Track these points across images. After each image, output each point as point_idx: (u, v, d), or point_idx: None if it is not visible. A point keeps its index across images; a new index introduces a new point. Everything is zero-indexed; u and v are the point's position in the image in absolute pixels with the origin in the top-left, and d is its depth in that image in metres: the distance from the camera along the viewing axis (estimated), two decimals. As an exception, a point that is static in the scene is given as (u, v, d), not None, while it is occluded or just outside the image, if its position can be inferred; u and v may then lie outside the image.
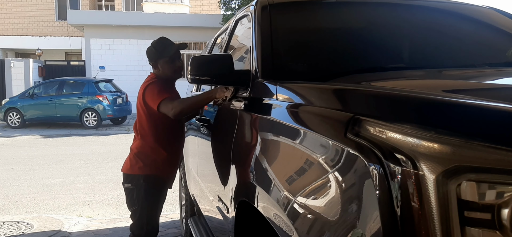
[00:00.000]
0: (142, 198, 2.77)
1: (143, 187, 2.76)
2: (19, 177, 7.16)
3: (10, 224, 4.53)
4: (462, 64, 2.00)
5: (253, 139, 1.68)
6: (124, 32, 18.09)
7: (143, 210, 2.79)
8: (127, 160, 2.83)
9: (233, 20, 2.77)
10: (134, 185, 2.78)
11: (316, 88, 1.44)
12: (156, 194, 2.83)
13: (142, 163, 2.74)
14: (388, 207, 0.83)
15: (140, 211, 2.79)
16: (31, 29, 23.32)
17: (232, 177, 1.83)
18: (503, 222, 0.70)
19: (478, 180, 0.73)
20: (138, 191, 2.77)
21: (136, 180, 2.77)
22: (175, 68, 2.81)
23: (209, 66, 2.04)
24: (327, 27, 2.30)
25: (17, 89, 17.29)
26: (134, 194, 2.78)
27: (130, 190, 2.80)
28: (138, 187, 2.77)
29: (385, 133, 0.90)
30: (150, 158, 2.75)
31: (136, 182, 2.77)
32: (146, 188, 2.76)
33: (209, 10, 22.83)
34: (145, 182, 2.75)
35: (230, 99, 2.16)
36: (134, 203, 2.80)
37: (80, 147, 10.65)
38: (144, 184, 2.75)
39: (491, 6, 2.49)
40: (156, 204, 2.87)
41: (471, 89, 1.36)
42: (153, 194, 2.81)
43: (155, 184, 2.79)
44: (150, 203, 2.80)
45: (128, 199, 2.84)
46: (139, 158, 2.75)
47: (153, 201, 2.82)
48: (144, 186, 2.76)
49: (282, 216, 1.23)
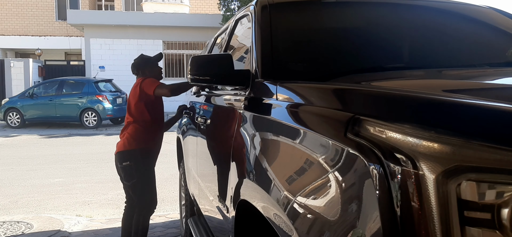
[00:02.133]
0: (140, 170, 3.37)
1: (140, 159, 3.37)
2: (19, 177, 7.16)
3: (10, 224, 4.53)
4: (462, 64, 2.00)
5: (253, 138, 1.68)
6: (124, 32, 18.09)
7: (142, 181, 3.38)
8: (121, 142, 3.41)
9: (233, 20, 2.78)
10: (132, 161, 3.36)
11: (316, 88, 1.44)
12: (151, 164, 3.48)
13: (137, 139, 3.37)
14: (388, 207, 0.83)
15: (141, 184, 3.38)
16: (31, 29, 23.31)
17: (232, 176, 1.83)
18: (503, 222, 0.70)
19: (478, 179, 0.73)
20: (136, 165, 3.36)
21: (133, 155, 3.36)
22: (156, 72, 3.59)
23: (209, 66, 2.04)
24: (327, 27, 2.30)
25: (17, 89, 17.29)
26: (132, 168, 3.37)
27: (129, 167, 3.37)
28: (136, 160, 3.36)
29: (385, 133, 0.90)
30: (143, 134, 3.40)
31: (134, 156, 3.36)
32: (143, 160, 3.38)
33: (209, 10, 22.83)
34: (141, 154, 3.37)
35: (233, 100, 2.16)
36: (134, 176, 3.37)
37: (80, 147, 10.65)
38: (140, 157, 3.37)
39: (491, 6, 2.49)
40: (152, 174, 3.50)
41: (471, 89, 1.36)
42: (148, 163, 3.45)
43: (149, 154, 3.45)
44: (148, 172, 3.43)
45: (127, 174, 3.38)
46: (133, 136, 3.37)
47: (150, 170, 3.46)
48: (140, 158, 3.37)
49: (282, 216, 1.23)
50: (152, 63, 3.60)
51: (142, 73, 3.56)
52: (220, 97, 2.48)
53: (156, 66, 3.61)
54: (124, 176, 3.41)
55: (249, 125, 1.77)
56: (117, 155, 3.43)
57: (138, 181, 3.37)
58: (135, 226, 3.43)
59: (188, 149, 3.41)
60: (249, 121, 1.77)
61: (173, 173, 6.40)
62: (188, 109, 3.61)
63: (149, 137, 3.45)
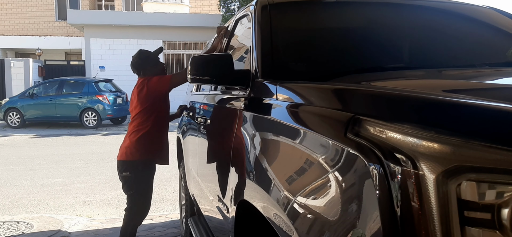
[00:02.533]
0: (140, 181, 3.26)
1: (141, 171, 3.24)
2: (19, 177, 7.16)
3: (10, 224, 4.53)
4: (462, 64, 2.00)
5: (253, 138, 1.68)
6: (124, 32, 18.08)
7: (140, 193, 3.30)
8: (123, 150, 3.26)
9: (233, 20, 2.78)
10: (132, 172, 3.23)
11: (316, 88, 1.44)
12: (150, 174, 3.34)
13: (140, 150, 3.21)
14: (388, 207, 0.83)
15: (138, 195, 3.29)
16: (31, 29, 23.32)
17: (232, 176, 1.83)
18: (503, 222, 0.70)
19: (478, 180, 0.73)
20: (136, 176, 3.24)
21: (134, 166, 3.22)
22: (159, 69, 3.34)
23: (209, 66, 2.04)
24: (327, 27, 2.30)
25: (17, 89, 17.29)
26: (132, 180, 3.25)
27: (129, 178, 3.25)
28: (136, 172, 3.23)
29: (385, 133, 0.90)
30: (148, 145, 3.22)
31: (135, 168, 3.22)
32: (143, 171, 3.25)
33: (209, 10, 22.83)
34: (143, 165, 3.24)
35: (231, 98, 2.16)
36: (132, 188, 3.28)
37: (80, 147, 10.65)
38: (141, 168, 3.24)
39: (491, 6, 2.49)
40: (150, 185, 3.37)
41: (471, 89, 1.36)
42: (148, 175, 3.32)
43: (151, 164, 3.31)
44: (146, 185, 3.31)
45: (126, 185, 3.29)
46: (136, 146, 3.20)
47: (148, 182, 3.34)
48: (141, 170, 3.24)
49: (282, 216, 1.23)
50: (153, 60, 3.35)
51: (143, 73, 3.32)
52: (220, 97, 2.49)
53: (158, 62, 3.37)
54: (123, 185, 3.35)
55: (249, 125, 1.77)
56: (118, 162, 3.31)
57: (135, 193, 3.30)
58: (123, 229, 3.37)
59: (188, 149, 3.41)
60: (249, 121, 1.77)
61: (173, 173, 6.40)
62: (188, 109, 3.61)
63: (153, 147, 3.28)
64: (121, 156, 3.27)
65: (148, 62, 3.32)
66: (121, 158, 3.26)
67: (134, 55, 3.36)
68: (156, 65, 3.33)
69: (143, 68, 3.31)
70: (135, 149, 3.20)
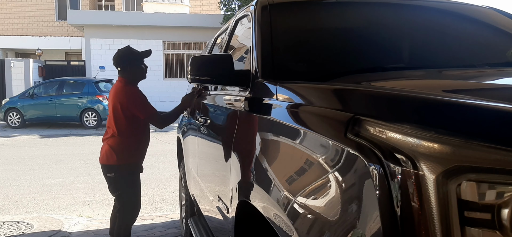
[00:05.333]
0: (125, 181, 3.34)
1: (124, 172, 3.31)
2: (19, 177, 7.16)
3: (10, 224, 4.53)
4: (462, 64, 2.00)
5: (253, 139, 1.68)
6: (124, 32, 18.08)
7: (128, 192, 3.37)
8: (103, 153, 3.34)
9: (233, 20, 2.78)
10: (116, 173, 3.31)
11: (316, 88, 1.44)
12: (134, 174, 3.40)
13: (119, 155, 3.27)
14: (388, 207, 0.83)
15: (126, 195, 3.37)
16: (31, 29, 23.32)
17: (232, 177, 1.83)
18: (503, 222, 0.70)
19: (478, 180, 0.73)
20: (120, 177, 3.32)
21: (116, 167, 3.30)
22: (143, 71, 3.39)
23: (209, 67, 2.04)
24: (327, 27, 2.30)
25: (17, 89, 17.28)
26: (117, 181, 3.34)
27: (113, 179, 3.34)
28: (120, 172, 3.31)
29: (385, 133, 0.90)
30: (125, 150, 3.29)
31: (117, 169, 3.30)
32: (126, 172, 3.32)
33: (209, 10, 22.83)
34: (124, 166, 3.30)
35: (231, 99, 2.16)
36: (118, 188, 3.37)
37: (80, 147, 10.65)
38: (124, 169, 3.31)
39: (491, 6, 2.49)
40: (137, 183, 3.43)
41: (471, 89, 1.36)
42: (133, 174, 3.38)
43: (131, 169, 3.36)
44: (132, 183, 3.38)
45: (112, 186, 3.38)
46: (115, 151, 3.28)
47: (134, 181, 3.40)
48: (125, 170, 3.31)
49: (282, 216, 1.23)
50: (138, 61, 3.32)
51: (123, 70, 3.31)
52: (220, 97, 2.49)
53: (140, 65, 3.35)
54: (108, 186, 3.41)
55: (249, 125, 1.77)
56: (101, 165, 3.38)
57: (123, 192, 3.37)
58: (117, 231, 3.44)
59: (188, 149, 3.41)
60: (249, 121, 1.77)
61: (173, 173, 6.40)
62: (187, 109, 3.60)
63: (131, 153, 3.33)
64: (102, 159, 3.35)
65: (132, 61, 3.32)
66: (102, 161, 3.35)
67: (121, 53, 3.34)
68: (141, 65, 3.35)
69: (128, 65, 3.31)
70: (114, 153, 3.28)
